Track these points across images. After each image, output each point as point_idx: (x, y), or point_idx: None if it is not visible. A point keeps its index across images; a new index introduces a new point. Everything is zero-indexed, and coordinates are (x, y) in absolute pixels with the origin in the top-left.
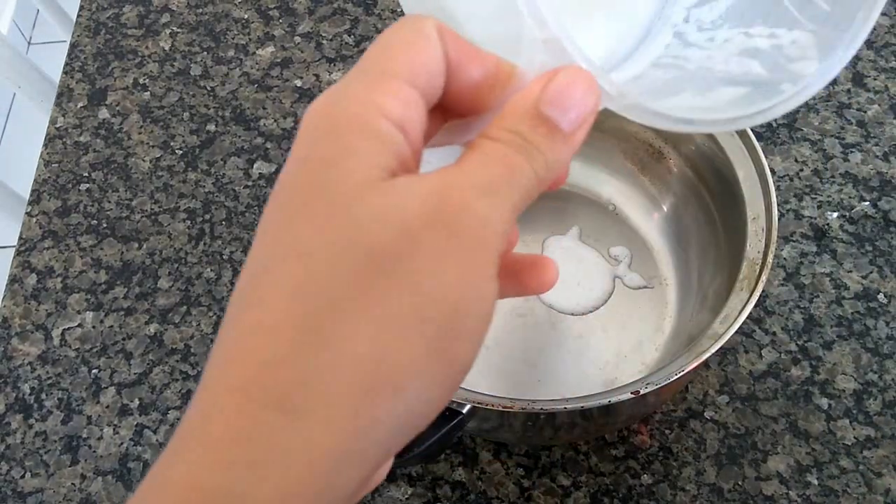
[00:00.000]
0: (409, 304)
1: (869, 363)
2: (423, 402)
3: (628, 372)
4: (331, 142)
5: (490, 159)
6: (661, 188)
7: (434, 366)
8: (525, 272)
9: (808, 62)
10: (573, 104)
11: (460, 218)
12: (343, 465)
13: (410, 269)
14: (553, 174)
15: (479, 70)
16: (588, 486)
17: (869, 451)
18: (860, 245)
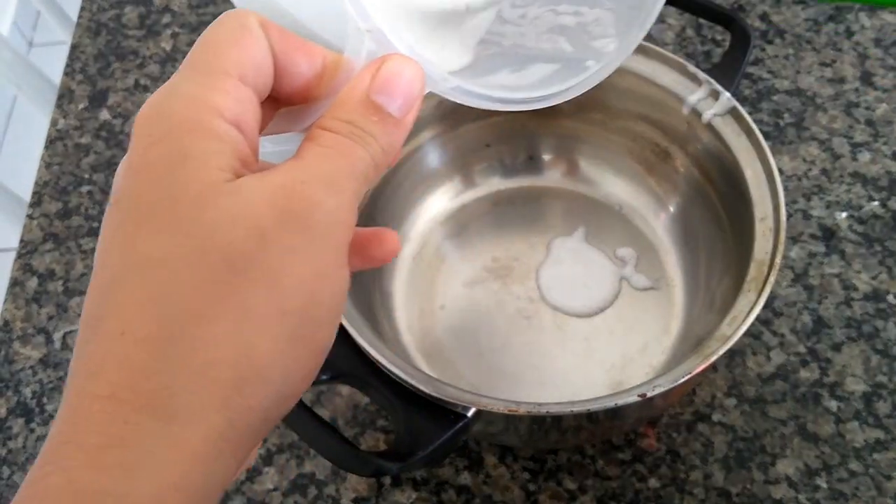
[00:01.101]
0: (268, 300)
1: (879, 365)
2: (289, 385)
3: (635, 374)
4: (169, 146)
5: (329, 151)
6: (668, 189)
7: (297, 352)
8: (370, 245)
9: (608, 40)
10: (400, 91)
11: (309, 213)
12: (220, 455)
13: (266, 266)
14: (388, 157)
15: (305, 61)
16: (594, 490)
17: (879, 453)
18: (869, 245)
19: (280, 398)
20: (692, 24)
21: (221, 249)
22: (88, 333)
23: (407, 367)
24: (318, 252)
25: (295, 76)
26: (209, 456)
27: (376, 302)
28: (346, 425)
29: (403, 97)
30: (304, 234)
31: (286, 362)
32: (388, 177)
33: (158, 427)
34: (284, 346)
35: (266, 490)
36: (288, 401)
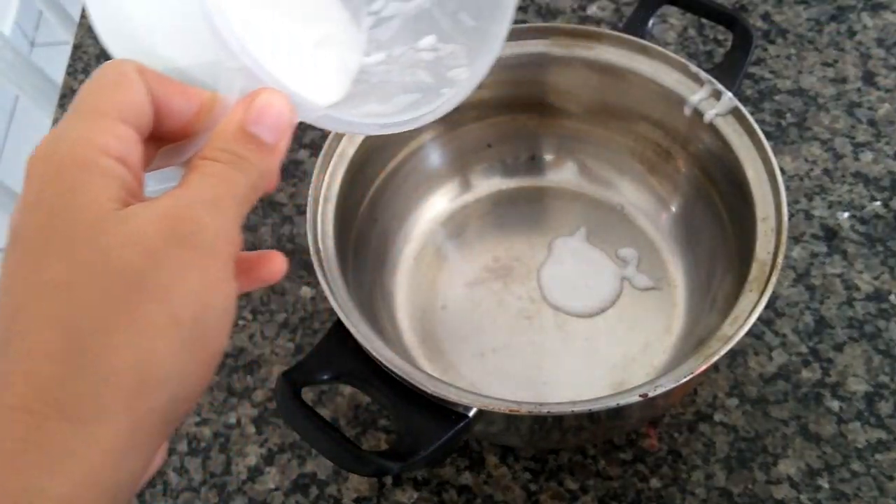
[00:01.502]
0: (162, 311)
1: (881, 365)
2: (186, 388)
3: (636, 374)
4: (60, 183)
5: (211, 178)
6: (670, 189)
7: (190, 357)
8: (256, 266)
9: (461, 69)
10: (272, 121)
11: (194, 233)
12: (128, 453)
13: (158, 282)
14: (266, 181)
15: (182, 101)
16: (596, 490)
17: (881, 454)
18: (871, 245)
19: (177, 400)
20: (694, 23)
21: (117, 270)
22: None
23: (408, 367)
24: (206, 267)
25: (174, 115)
26: (118, 454)
27: (377, 302)
28: (347, 425)
29: (275, 126)
30: (191, 251)
31: (182, 367)
32: (389, 177)
33: (70, 430)
34: (180, 352)
35: (267, 490)
36: (185, 404)
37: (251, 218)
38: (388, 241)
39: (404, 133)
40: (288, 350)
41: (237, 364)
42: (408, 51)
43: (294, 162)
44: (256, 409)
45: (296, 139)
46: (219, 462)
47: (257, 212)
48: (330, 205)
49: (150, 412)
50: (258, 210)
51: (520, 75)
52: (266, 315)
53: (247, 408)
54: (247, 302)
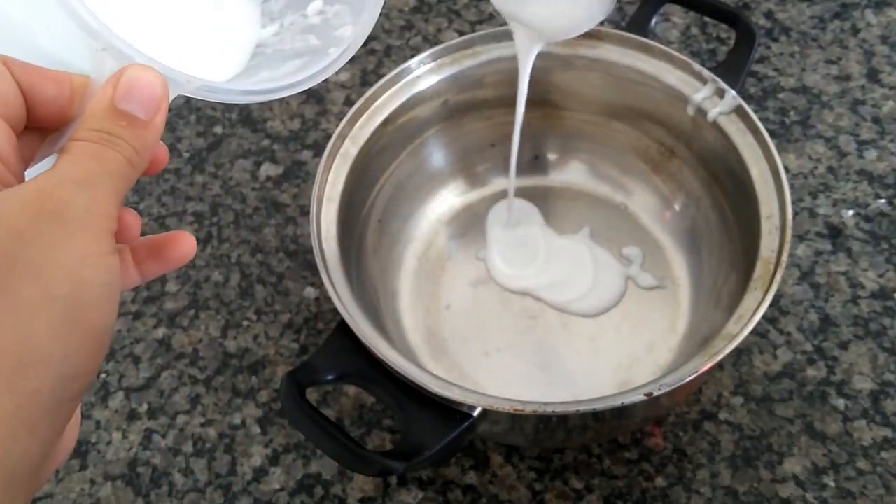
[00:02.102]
0: (35, 290)
1: (886, 363)
2: (72, 366)
3: (641, 373)
4: None
5: (81, 157)
6: (674, 187)
7: (73, 333)
8: (165, 248)
9: (346, 27)
10: (143, 95)
11: (61, 209)
12: (15, 436)
13: (28, 261)
14: (145, 156)
15: (53, 87)
16: (601, 490)
17: (886, 452)
18: (876, 243)
19: (65, 379)
20: (697, 22)
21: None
22: None
23: (412, 367)
24: (78, 242)
25: (48, 102)
26: (7, 440)
27: (381, 302)
28: (352, 425)
29: (146, 101)
30: (60, 227)
31: (65, 344)
32: (392, 177)
33: None
34: (60, 329)
35: (273, 490)
36: (75, 382)
37: (254, 219)
38: (392, 241)
39: (407, 131)
40: (292, 350)
41: (242, 365)
42: (298, 18)
43: (297, 163)
44: (261, 410)
45: (299, 140)
46: (224, 463)
47: (260, 212)
48: (333, 205)
49: (35, 392)
50: (261, 211)
51: None
52: (270, 316)
53: (251, 408)
54: (251, 303)
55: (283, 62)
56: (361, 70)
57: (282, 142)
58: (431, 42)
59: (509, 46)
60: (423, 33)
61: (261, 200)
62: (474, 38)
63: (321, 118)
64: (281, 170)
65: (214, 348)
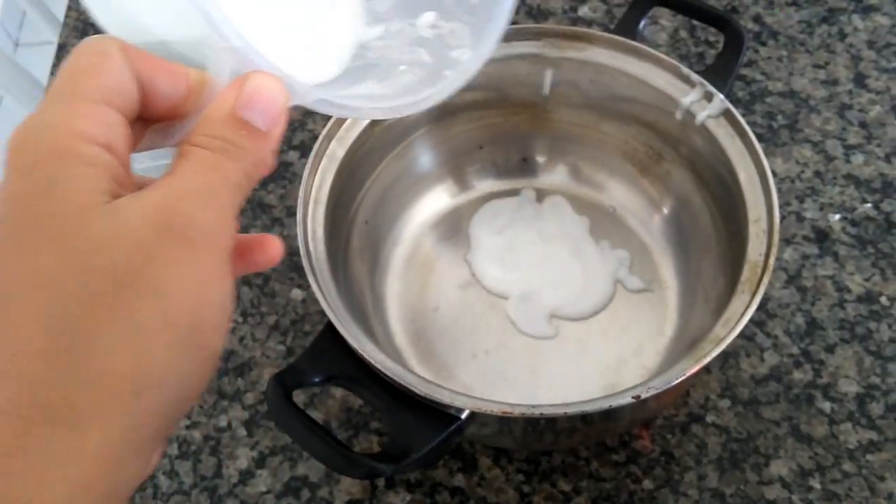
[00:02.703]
0: (155, 311)
1: (871, 366)
2: (185, 388)
3: (629, 376)
4: (39, 174)
5: (202, 167)
6: (662, 190)
7: (187, 357)
8: (252, 251)
9: (463, 50)
10: (265, 106)
11: (186, 227)
12: (125, 459)
13: (150, 280)
14: (260, 168)
15: (169, 81)
16: (589, 492)
17: (872, 454)
18: (862, 247)
19: (176, 402)
20: (685, 25)
21: (105, 267)
22: None
23: (400, 369)
24: (199, 263)
25: (161, 96)
26: (112, 460)
27: (369, 304)
28: (339, 427)
29: (268, 112)
30: (183, 247)
31: (179, 368)
32: (380, 179)
33: (60, 436)
34: (176, 352)
35: (259, 493)
36: (184, 404)
37: (240, 220)
38: (380, 243)
39: (395, 133)
40: (279, 352)
41: (228, 367)
42: (406, 26)
43: (284, 163)
44: (247, 412)
45: (285, 140)
46: (210, 465)
47: (247, 213)
48: (320, 207)
49: (148, 416)
50: (247, 212)
51: (511, 77)
52: (257, 317)
53: (238, 410)
54: (237, 305)
55: (388, 73)
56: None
57: None
58: None
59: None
60: None
61: (247, 201)
62: None
63: (308, 119)
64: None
65: None
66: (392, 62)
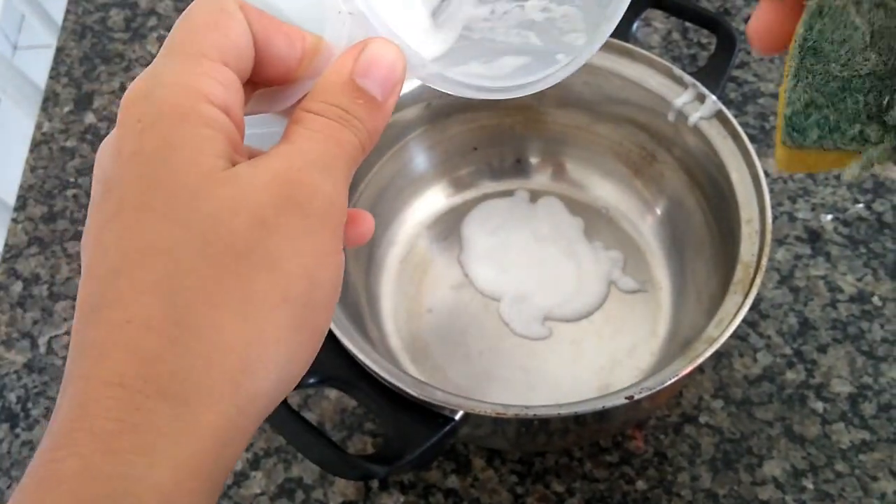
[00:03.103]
0: (271, 286)
1: (864, 366)
2: (293, 369)
3: (623, 377)
4: (160, 133)
5: (320, 135)
6: (655, 191)
7: (298, 336)
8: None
9: (577, 34)
10: (383, 75)
11: (308, 199)
12: (231, 439)
13: (268, 252)
14: (373, 141)
15: (285, 44)
16: (582, 493)
17: (864, 454)
18: (854, 247)
19: (282, 383)
20: (678, 27)
21: (224, 238)
22: (89, 322)
23: (394, 371)
24: (318, 237)
25: (275, 59)
26: (220, 440)
27: (363, 305)
28: (333, 429)
29: (386, 81)
30: (304, 220)
31: (290, 347)
32: (375, 181)
33: (170, 412)
34: (288, 331)
35: (253, 494)
36: (290, 384)
37: None
38: (374, 244)
39: (390, 135)
40: None
41: None
42: (514, 8)
43: None
44: None
45: None
46: None
47: None
48: None
49: (258, 396)
50: None
51: None
52: None
53: None
54: None
55: (496, 56)
56: None
57: None
58: None
59: None
60: None
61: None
62: None
63: None
64: None
65: None
66: (497, 44)
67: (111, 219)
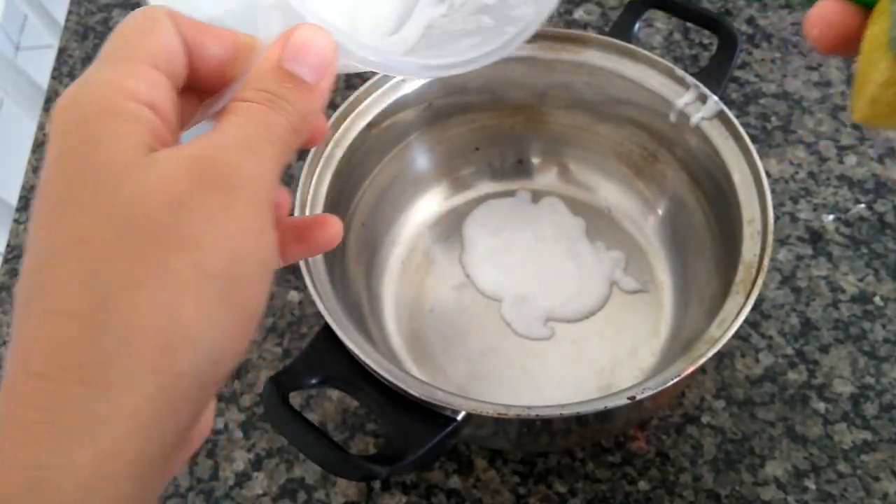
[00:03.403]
0: (190, 263)
1: (866, 366)
2: (220, 350)
3: (624, 377)
4: (84, 130)
5: (246, 119)
6: (656, 191)
7: (224, 314)
8: (312, 231)
9: (526, 7)
10: (312, 58)
11: (225, 177)
12: (155, 422)
13: (185, 232)
14: (307, 125)
15: (218, 46)
16: (584, 493)
17: (866, 455)
18: (856, 248)
19: (210, 364)
20: (679, 28)
21: (140, 220)
22: (20, 318)
23: (396, 371)
24: (238, 213)
25: (209, 60)
26: (144, 423)
27: (365, 305)
28: (335, 429)
29: (315, 63)
30: (221, 197)
31: (214, 324)
32: (376, 181)
33: (90, 398)
34: (211, 308)
35: (255, 495)
36: (221, 366)
37: None
38: (376, 245)
39: (392, 135)
40: (275, 354)
41: None
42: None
43: None
44: (244, 414)
45: None
46: (206, 468)
47: None
48: (318, 209)
49: (180, 376)
50: None
51: (507, 79)
52: None
53: (234, 413)
54: None
55: (452, 41)
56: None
57: None
58: None
59: None
60: None
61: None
62: None
63: None
64: None
65: None
66: (455, 33)
67: (40, 217)
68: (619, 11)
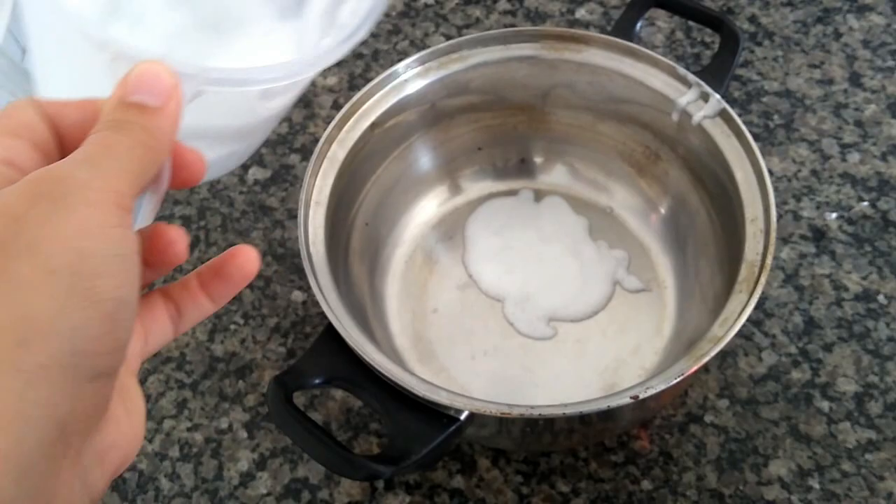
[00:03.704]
0: (32, 266)
1: (870, 365)
2: (84, 341)
3: (627, 376)
4: None
5: (87, 143)
6: (659, 190)
7: (78, 305)
8: (225, 266)
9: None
10: (151, 85)
11: (59, 185)
12: (31, 417)
13: (24, 241)
14: (162, 140)
15: (77, 112)
16: (588, 493)
17: (871, 454)
18: (859, 246)
19: (78, 354)
20: (682, 26)
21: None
22: None
23: (399, 371)
24: (77, 216)
25: (73, 126)
26: (17, 419)
27: (368, 305)
28: (339, 429)
29: (155, 89)
30: (56, 204)
31: (70, 316)
32: (380, 181)
33: None
34: (63, 301)
35: (259, 495)
36: (93, 359)
37: (242, 223)
38: (380, 244)
39: (395, 135)
40: (279, 354)
41: (228, 369)
42: None
43: (285, 166)
44: (248, 414)
45: (287, 144)
46: (210, 467)
47: (248, 216)
48: (321, 209)
49: (43, 368)
50: (249, 214)
51: (509, 78)
52: (257, 319)
53: (238, 413)
54: (238, 306)
55: None
56: (349, 74)
57: (269, 145)
58: (419, 46)
59: (496, 50)
60: (411, 37)
61: (248, 204)
62: (461, 42)
63: (309, 122)
64: (269, 173)
65: (201, 352)
66: None
67: None
68: (620, 10)
